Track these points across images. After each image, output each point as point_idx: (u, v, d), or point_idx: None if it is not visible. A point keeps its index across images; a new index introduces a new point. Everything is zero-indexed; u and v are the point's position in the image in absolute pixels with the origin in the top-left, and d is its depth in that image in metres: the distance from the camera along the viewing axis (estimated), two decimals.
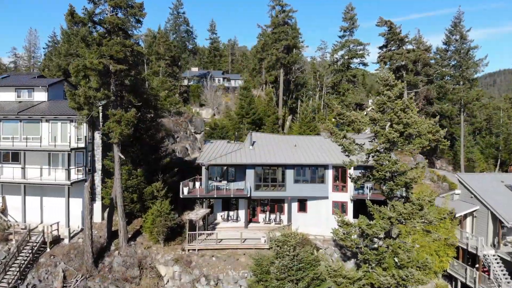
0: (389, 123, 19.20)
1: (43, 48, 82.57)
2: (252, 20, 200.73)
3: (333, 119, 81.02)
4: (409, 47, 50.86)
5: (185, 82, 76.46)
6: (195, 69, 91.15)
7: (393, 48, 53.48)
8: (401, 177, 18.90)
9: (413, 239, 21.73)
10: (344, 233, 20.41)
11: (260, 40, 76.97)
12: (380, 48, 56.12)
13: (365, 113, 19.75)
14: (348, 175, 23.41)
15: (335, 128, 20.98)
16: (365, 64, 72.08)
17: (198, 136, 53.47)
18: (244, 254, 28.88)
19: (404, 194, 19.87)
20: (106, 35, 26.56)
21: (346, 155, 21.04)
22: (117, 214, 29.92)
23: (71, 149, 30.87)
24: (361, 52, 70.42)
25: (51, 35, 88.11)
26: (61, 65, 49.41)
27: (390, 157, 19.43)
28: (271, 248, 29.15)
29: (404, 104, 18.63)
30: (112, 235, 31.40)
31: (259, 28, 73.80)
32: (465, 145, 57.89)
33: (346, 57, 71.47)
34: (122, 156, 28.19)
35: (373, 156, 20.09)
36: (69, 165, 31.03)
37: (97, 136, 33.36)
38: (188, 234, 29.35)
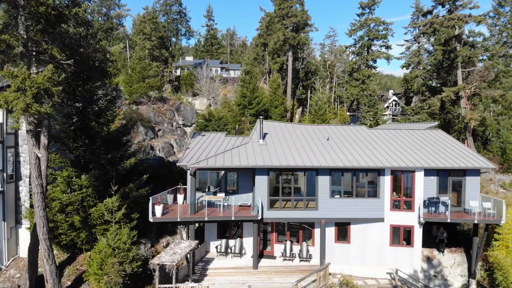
0: None
1: None
2: (252, 10, 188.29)
3: (347, 113, 70.53)
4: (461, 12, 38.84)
5: (178, 72, 65.54)
6: (189, 58, 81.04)
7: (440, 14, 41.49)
8: None
9: None
10: None
11: (263, 22, 65.70)
12: (424, 15, 44.42)
13: None
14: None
15: None
16: (388, 47, 61.24)
17: (188, 129, 41.54)
18: None
19: None
20: None
21: None
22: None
23: None
24: (384, 32, 59.83)
25: None
26: None
27: None
28: None
29: None
30: (39, 281, 19.52)
31: (260, 19, 63.19)
32: None
33: (366, 38, 60.67)
34: (39, 154, 16.26)
35: None
36: None
37: (24, 123, 21.59)
38: None
